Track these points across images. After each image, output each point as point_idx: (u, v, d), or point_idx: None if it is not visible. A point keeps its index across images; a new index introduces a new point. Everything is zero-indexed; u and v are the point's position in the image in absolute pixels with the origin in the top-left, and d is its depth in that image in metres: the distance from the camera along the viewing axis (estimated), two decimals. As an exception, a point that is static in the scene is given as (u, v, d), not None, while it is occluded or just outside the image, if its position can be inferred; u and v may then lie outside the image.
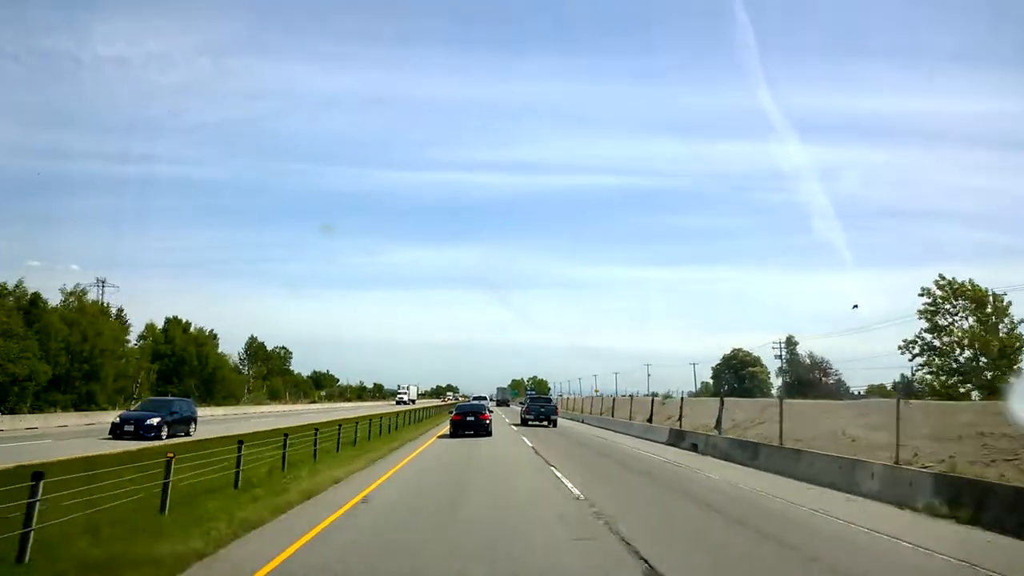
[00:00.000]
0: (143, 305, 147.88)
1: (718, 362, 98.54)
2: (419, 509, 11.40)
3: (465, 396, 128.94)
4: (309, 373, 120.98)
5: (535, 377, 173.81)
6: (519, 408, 61.14)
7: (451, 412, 35.16)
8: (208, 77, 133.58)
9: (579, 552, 8.50)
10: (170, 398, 32.98)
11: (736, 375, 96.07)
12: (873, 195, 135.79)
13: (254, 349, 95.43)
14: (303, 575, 7.16)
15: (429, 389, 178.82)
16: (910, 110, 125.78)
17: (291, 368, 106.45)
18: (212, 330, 71.53)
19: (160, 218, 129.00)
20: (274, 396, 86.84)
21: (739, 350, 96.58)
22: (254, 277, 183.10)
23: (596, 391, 73.69)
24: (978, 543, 9.55)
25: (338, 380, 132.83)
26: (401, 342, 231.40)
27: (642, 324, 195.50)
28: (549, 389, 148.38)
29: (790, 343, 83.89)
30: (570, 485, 14.54)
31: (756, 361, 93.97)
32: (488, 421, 30.90)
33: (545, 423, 41.69)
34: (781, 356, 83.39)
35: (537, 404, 44.63)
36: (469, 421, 30.43)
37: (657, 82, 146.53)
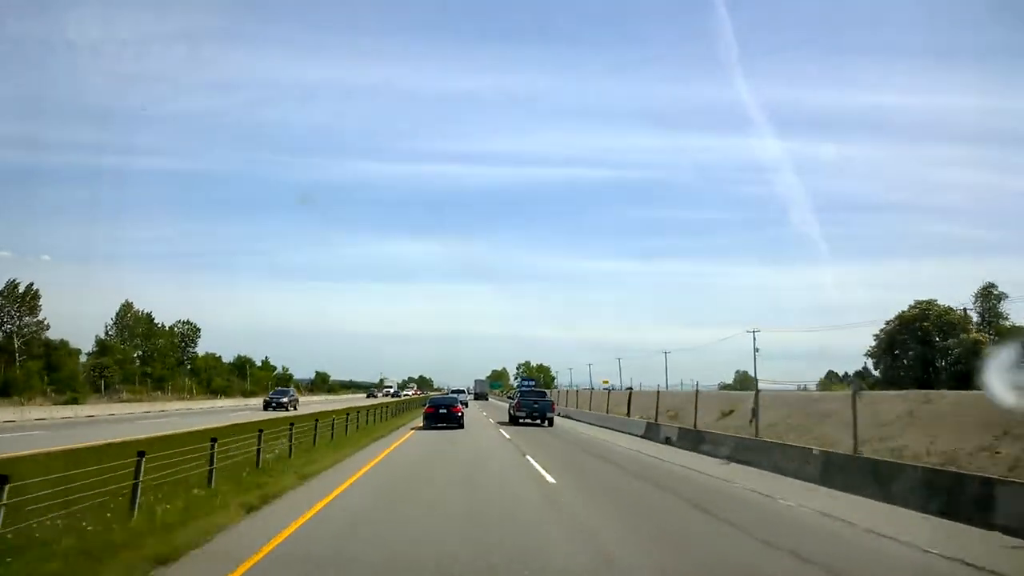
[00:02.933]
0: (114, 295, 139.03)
1: (887, 327, 54.38)
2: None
3: (440, 389, 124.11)
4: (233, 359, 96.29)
5: (528, 364, 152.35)
6: (506, 404, 53.46)
7: (424, 405, 36.50)
8: (183, 66, 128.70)
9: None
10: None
11: (924, 342, 51.33)
12: (850, 188, 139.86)
13: (126, 323, 74.38)
14: None
15: (402, 380, 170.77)
16: (886, 104, 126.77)
17: (197, 351, 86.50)
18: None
19: (133, 209, 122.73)
20: (159, 386, 65.69)
21: (930, 303, 52.92)
22: (231, 268, 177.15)
23: (605, 383, 63.00)
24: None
25: (276, 368, 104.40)
26: (385, 333, 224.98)
27: (636, 315, 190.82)
28: (554, 378, 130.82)
29: (988, 295, 52.51)
30: None
31: (959, 323, 50.80)
32: (460, 414, 31.99)
33: (539, 422, 35.66)
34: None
35: (529, 399, 37.70)
36: (442, 413, 31.49)
37: (636, 74, 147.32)
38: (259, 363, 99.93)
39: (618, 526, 9.57)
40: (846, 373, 73.50)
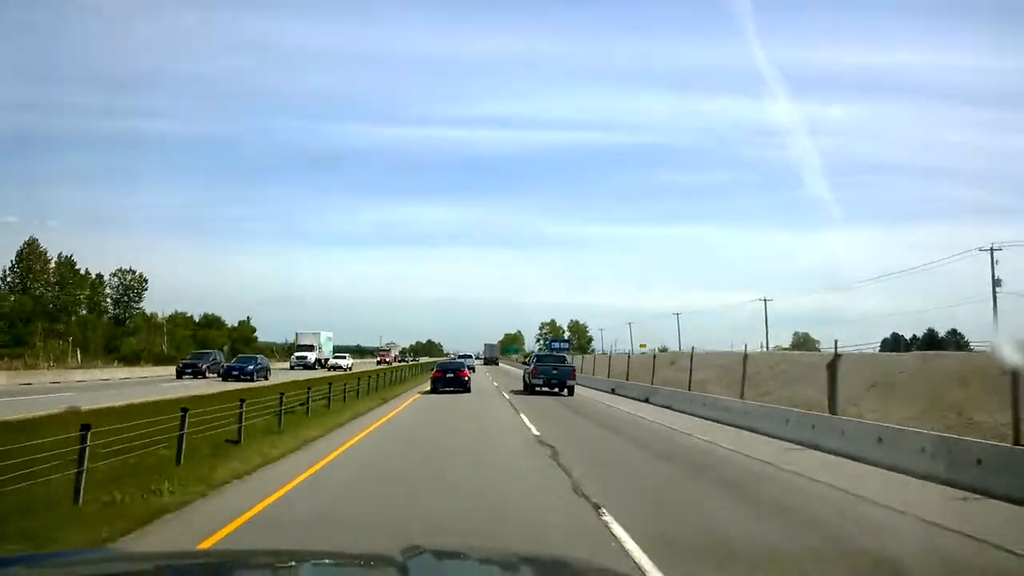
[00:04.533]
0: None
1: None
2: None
3: (448, 354, 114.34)
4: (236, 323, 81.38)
5: (553, 324, 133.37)
6: (520, 370, 46.12)
7: (433, 369, 36.92)
8: (193, 31, 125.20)
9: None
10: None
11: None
12: (864, 150, 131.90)
13: (29, 266, 58.63)
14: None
15: (407, 346, 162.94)
16: (904, 63, 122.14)
17: (143, 307, 71.71)
18: None
19: (141, 174, 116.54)
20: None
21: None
22: (238, 234, 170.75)
23: (642, 346, 53.95)
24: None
25: (255, 331, 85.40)
26: (389, 298, 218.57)
27: (642, 281, 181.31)
28: (591, 340, 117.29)
29: None
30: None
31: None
32: (467, 378, 32.23)
33: (557, 390, 31.85)
34: None
35: (547, 365, 33.31)
36: (449, 378, 31.68)
37: (646, 34, 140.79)
38: (232, 324, 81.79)
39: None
40: (914, 336, 64.84)
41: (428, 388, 32.32)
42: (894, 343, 61.06)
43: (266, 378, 38.54)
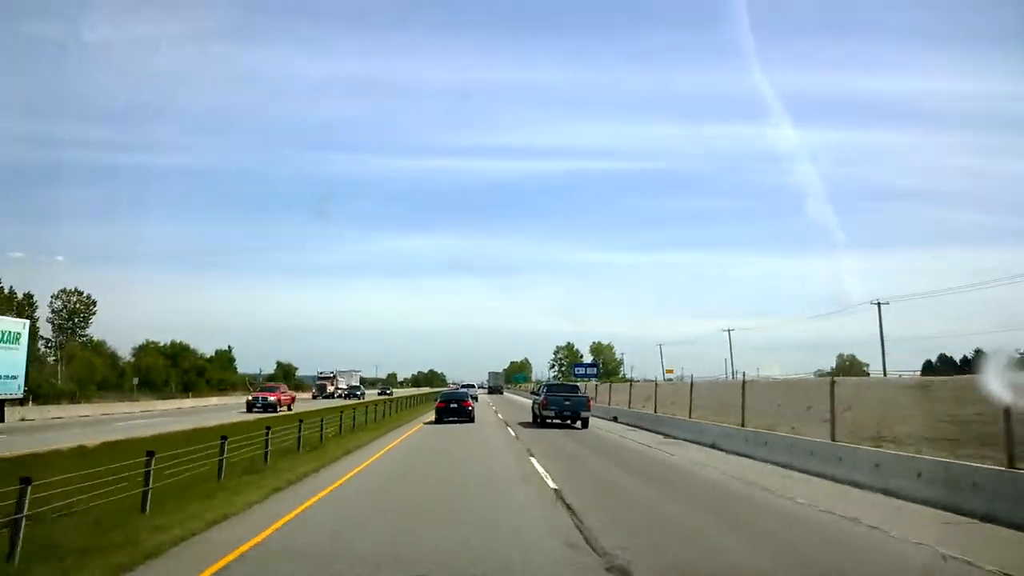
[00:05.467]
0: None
1: None
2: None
3: (452, 383, 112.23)
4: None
5: (571, 346, 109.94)
6: (529, 401, 40.32)
7: (436, 400, 35.90)
8: (194, 63, 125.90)
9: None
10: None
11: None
12: (866, 176, 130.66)
13: None
14: None
15: (410, 375, 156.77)
16: (904, 91, 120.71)
17: (90, 334, 62.52)
18: None
19: (146, 209, 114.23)
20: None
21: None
22: (242, 267, 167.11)
23: (669, 372, 46.77)
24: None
25: (234, 360, 79.74)
26: (390, 328, 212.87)
27: (647, 309, 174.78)
28: (619, 363, 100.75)
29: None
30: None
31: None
32: (470, 408, 31.18)
33: (570, 422, 28.49)
34: None
35: (559, 396, 29.29)
36: (452, 408, 30.73)
37: (650, 63, 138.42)
38: (207, 355, 74.02)
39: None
40: (964, 357, 58.64)
41: (431, 419, 31.29)
42: (937, 365, 54.37)
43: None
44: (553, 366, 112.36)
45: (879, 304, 45.09)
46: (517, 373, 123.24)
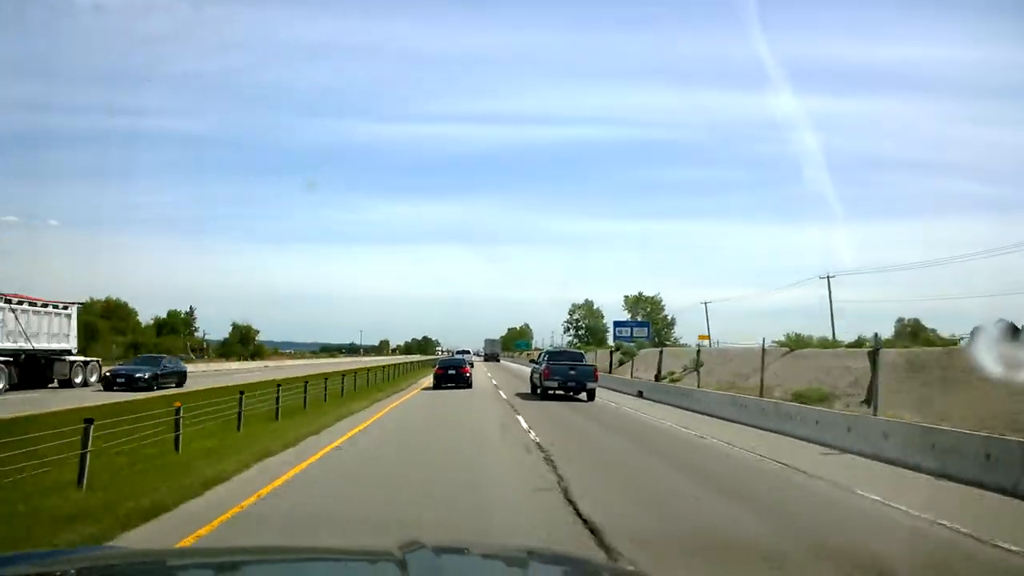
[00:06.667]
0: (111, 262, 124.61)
1: None
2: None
3: (447, 351, 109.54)
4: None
5: (589, 304, 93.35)
6: (528, 368, 36.57)
7: (435, 366, 36.99)
8: (187, 25, 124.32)
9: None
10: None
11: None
12: (866, 145, 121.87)
13: None
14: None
15: (403, 343, 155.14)
16: (906, 58, 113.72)
17: None
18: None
19: (138, 172, 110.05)
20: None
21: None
22: (233, 233, 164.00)
23: (703, 338, 40.56)
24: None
25: (195, 322, 76.29)
26: (386, 297, 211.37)
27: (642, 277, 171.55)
28: (672, 321, 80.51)
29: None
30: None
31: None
32: (468, 374, 32.30)
33: (574, 394, 26.02)
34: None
35: (563, 364, 26.70)
36: (450, 374, 31.85)
37: (647, 29, 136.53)
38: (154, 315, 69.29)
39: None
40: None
41: (429, 384, 32.68)
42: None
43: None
44: (568, 329, 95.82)
45: (828, 278, 44.02)
46: (518, 340, 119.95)
